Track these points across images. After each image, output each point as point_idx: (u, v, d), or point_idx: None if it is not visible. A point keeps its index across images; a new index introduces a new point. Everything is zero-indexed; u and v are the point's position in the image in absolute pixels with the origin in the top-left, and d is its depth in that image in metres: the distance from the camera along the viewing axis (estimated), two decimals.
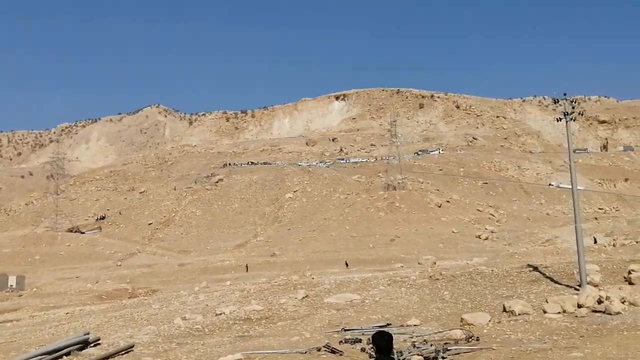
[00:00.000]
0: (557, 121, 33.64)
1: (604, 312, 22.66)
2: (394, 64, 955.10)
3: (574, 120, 33.36)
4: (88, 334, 21.75)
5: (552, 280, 32.07)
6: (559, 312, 23.13)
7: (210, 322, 27.13)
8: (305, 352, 18.72)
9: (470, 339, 19.22)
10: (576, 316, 22.49)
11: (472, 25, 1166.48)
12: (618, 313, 22.09)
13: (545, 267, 35.67)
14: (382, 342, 7.52)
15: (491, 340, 18.89)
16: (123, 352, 19.88)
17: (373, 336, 7.75)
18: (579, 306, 23.65)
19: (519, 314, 23.23)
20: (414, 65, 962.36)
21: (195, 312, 31.59)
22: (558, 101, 32.86)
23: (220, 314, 29.55)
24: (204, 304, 36.47)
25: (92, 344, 21.09)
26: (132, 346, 20.75)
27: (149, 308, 38.79)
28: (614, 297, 23.40)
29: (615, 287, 26.56)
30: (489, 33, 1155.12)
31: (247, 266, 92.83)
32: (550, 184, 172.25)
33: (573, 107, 32.49)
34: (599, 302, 23.73)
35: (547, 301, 24.63)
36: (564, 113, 32.55)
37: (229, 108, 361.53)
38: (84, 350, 19.92)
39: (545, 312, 23.28)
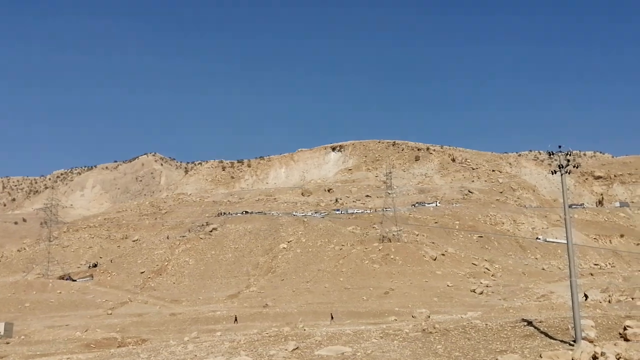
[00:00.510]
0: (552, 174, 33.55)
1: None
2: (391, 114, 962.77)
3: (569, 174, 33.22)
4: None
5: (546, 335, 31.55)
6: None
7: None
8: None
9: None
10: None
11: (468, 75, 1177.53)
12: None
13: (540, 322, 35.13)
14: None
15: None
16: None
17: None
18: None
19: None
20: (410, 116, 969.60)
21: None
22: (553, 154, 32.76)
23: None
24: (193, 354, 35.72)
25: None
26: None
27: (137, 358, 38.03)
28: (609, 353, 22.91)
29: (611, 343, 26.07)
30: (484, 79, 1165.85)
31: (235, 317, 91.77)
32: (537, 238, 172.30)
33: (568, 160, 32.40)
34: (594, 358, 23.25)
35: (541, 356, 24.10)
36: (559, 166, 32.46)
37: (225, 157, 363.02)
38: None
39: None
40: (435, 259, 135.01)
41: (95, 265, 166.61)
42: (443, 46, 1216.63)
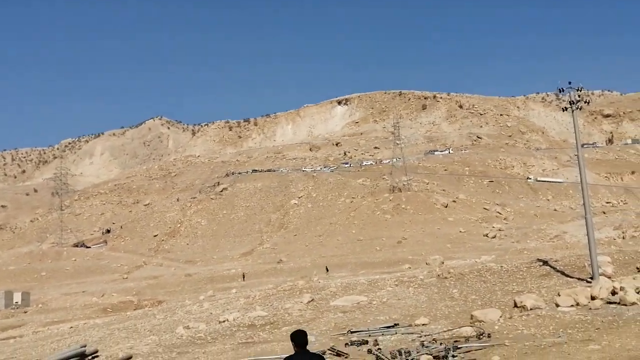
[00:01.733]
0: (563, 111, 32.86)
1: (618, 304, 21.85)
2: (396, 65, 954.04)
3: (580, 110, 32.54)
4: (85, 346, 21.02)
5: (563, 273, 31.28)
6: (572, 305, 22.33)
7: (213, 329, 26.39)
8: None
9: (481, 336, 18.43)
10: (590, 308, 21.69)
11: (472, 25, 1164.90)
12: (634, 304, 21.29)
13: (556, 261, 34.84)
14: (299, 338, 8.66)
15: (503, 337, 18.10)
16: None
17: (291, 335, 8.79)
18: (593, 298, 22.84)
19: (530, 309, 22.44)
20: (415, 66, 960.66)
21: (199, 321, 30.86)
22: (563, 90, 31.98)
23: (224, 321, 28.83)
24: (208, 312, 35.74)
25: (89, 356, 20.35)
26: (131, 357, 20.03)
27: (153, 319, 38.08)
28: (629, 287, 22.60)
29: (629, 278, 25.75)
30: (488, 32, 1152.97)
31: (243, 275, 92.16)
32: (528, 178, 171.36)
33: (579, 96, 31.68)
34: (613, 293, 22.94)
35: (559, 294, 23.83)
36: (570, 102, 31.77)
37: (231, 117, 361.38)
38: None
39: (557, 305, 22.48)
40: (446, 206, 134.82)
41: (108, 231, 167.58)
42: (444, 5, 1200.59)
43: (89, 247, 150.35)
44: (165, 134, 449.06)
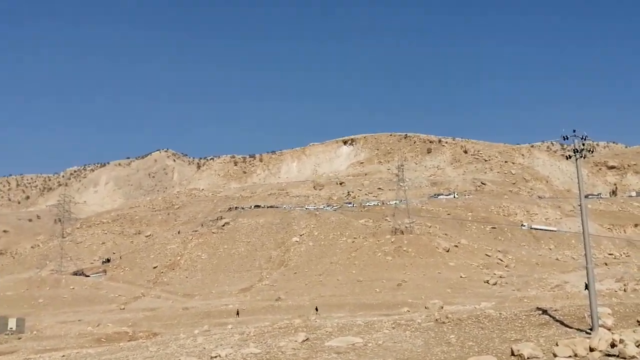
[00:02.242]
0: (567, 159, 32.70)
1: (617, 356, 21.43)
2: (402, 109, 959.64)
3: (584, 158, 32.35)
4: None
5: (562, 323, 30.85)
6: (570, 356, 21.89)
7: None
8: None
9: None
10: None
11: (478, 71, 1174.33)
12: (633, 357, 20.86)
13: (555, 311, 34.42)
14: None
15: None
16: None
17: None
18: (591, 350, 22.41)
19: (527, 358, 22.01)
20: (421, 110, 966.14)
21: (191, 355, 30.42)
22: (567, 138, 31.82)
23: (216, 356, 28.38)
24: (202, 346, 35.26)
25: None
26: None
27: (146, 351, 37.61)
28: (628, 340, 22.16)
29: (629, 330, 25.30)
30: (494, 78, 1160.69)
31: (237, 311, 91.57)
32: (522, 225, 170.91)
33: (583, 144, 31.52)
34: (612, 345, 22.50)
35: (557, 344, 23.38)
36: (574, 150, 31.60)
37: (237, 152, 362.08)
38: None
39: (555, 355, 22.04)
40: (448, 251, 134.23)
41: (108, 261, 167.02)
42: (454, 45, 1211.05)
43: (88, 276, 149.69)
44: (171, 166, 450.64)
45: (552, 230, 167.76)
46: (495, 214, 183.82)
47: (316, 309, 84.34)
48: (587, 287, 79.98)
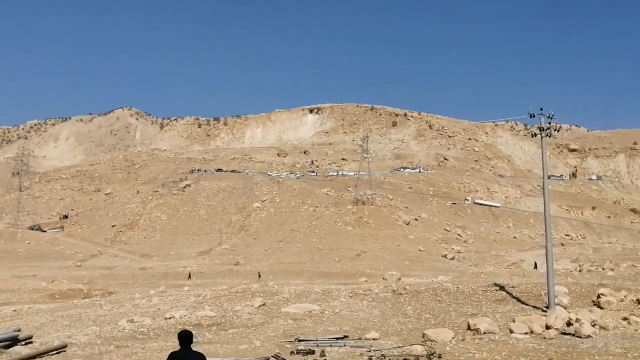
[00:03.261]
0: (533, 136, 32.63)
1: (573, 335, 21.49)
2: (369, 80, 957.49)
3: (550, 137, 32.31)
4: (19, 330, 20.03)
5: (519, 300, 31.00)
6: (527, 333, 21.92)
7: (157, 325, 25.50)
8: None
9: (431, 356, 17.88)
10: (544, 337, 21.29)
11: (448, 46, 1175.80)
12: (588, 336, 20.93)
13: (512, 287, 34.60)
14: (182, 338, 9.42)
15: (454, 359, 17.58)
16: (54, 352, 18.21)
17: (178, 334, 9.60)
18: (547, 327, 22.47)
19: (484, 333, 21.99)
20: (388, 82, 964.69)
21: (145, 315, 29.96)
22: (534, 116, 31.70)
23: (170, 317, 28.00)
24: (156, 307, 34.81)
25: (22, 342, 19.37)
26: (65, 346, 19.09)
27: (99, 309, 37.06)
28: (584, 319, 22.25)
29: (585, 310, 25.45)
30: (463, 54, 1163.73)
31: (189, 274, 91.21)
32: (466, 199, 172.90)
33: (550, 123, 31.44)
34: (568, 324, 22.58)
35: (514, 320, 23.42)
36: (540, 128, 31.51)
37: (201, 114, 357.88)
38: (11, 348, 18.22)
39: (512, 331, 22.07)
40: (408, 224, 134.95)
41: (66, 217, 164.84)
42: (423, 18, 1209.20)
43: (45, 231, 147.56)
44: (133, 124, 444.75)
45: (495, 206, 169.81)
46: (456, 189, 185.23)
47: (259, 275, 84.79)
48: (536, 265, 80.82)
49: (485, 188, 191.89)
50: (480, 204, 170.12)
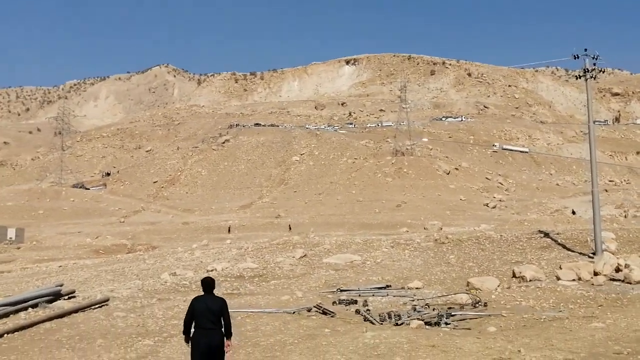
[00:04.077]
0: (577, 78, 31.58)
1: (622, 281, 20.94)
2: (407, 29, 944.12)
3: (595, 79, 31.22)
4: (61, 285, 20.13)
5: (564, 247, 30.34)
6: (574, 280, 21.41)
7: (199, 278, 25.42)
8: (294, 312, 17.04)
9: (477, 305, 17.53)
10: (592, 284, 20.77)
11: None
12: (639, 282, 20.36)
13: (557, 234, 33.90)
14: (205, 285, 10.09)
15: (500, 307, 17.20)
16: (96, 306, 18.25)
17: (201, 281, 10.36)
18: (596, 274, 21.92)
19: (530, 280, 21.54)
20: (426, 29, 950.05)
21: (187, 268, 30.07)
22: (578, 57, 30.57)
23: (212, 270, 28.03)
24: (199, 260, 34.96)
25: (65, 297, 19.46)
26: (108, 300, 19.13)
27: (142, 263, 37.34)
28: (634, 265, 21.64)
29: (635, 255, 24.77)
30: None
31: (229, 228, 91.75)
32: (493, 145, 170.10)
33: (594, 64, 30.33)
34: (617, 270, 22.02)
35: (560, 267, 22.89)
36: (585, 70, 30.43)
37: (238, 69, 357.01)
38: (54, 303, 18.29)
39: (558, 278, 21.57)
40: (448, 173, 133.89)
41: (108, 174, 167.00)
42: None
43: (88, 189, 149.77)
44: (171, 81, 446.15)
45: (524, 151, 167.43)
46: (497, 137, 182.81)
47: (289, 227, 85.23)
48: (574, 212, 79.53)
49: (526, 135, 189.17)
50: (509, 150, 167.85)
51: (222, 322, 9.80)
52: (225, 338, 9.78)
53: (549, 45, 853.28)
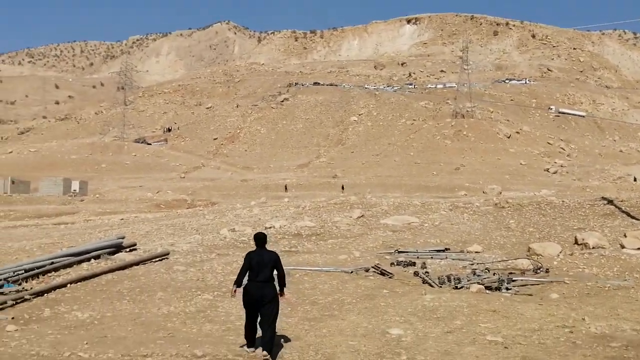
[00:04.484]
0: None
1: None
2: None
3: None
4: (123, 238, 20.54)
5: (628, 215, 29.54)
6: (639, 248, 20.84)
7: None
8: (352, 272, 17.01)
9: (538, 270, 17.23)
10: None
11: None
12: None
13: (621, 201, 33.02)
14: (257, 240, 10.28)
15: (562, 273, 16.87)
16: (157, 259, 18.57)
17: (254, 236, 10.56)
18: None
19: (593, 247, 21.04)
20: None
21: (246, 225, 30.31)
22: None
23: (270, 227, 28.21)
24: (257, 217, 35.23)
25: (126, 249, 19.86)
26: (168, 253, 19.46)
27: (202, 218, 37.84)
28: None
29: None
30: None
31: (285, 186, 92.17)
32: (549, 108, 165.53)
33: None
34: None
35: (625, 235, 22.31)
36: None
37: (298, 27, 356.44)
38: (115, 255, 18.68)
39: (623, 247, 21.00)
40: (509, 137, 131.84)
41: (169, 130, 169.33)
42: None
43: (150, 144, 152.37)
44: (232, 39, 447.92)
45: (580, 115, 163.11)
46: (560, 102, 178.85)
47: (342, 187, 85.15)
48: (635, 179, 77.53)
49: (590, 100, 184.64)
50: (565, 113, 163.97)
51: (275, 276, 10.03)
52: (278, 291, 10.03)
53: (616, 7, 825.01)
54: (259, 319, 9.85)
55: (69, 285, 15.21)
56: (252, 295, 9.70)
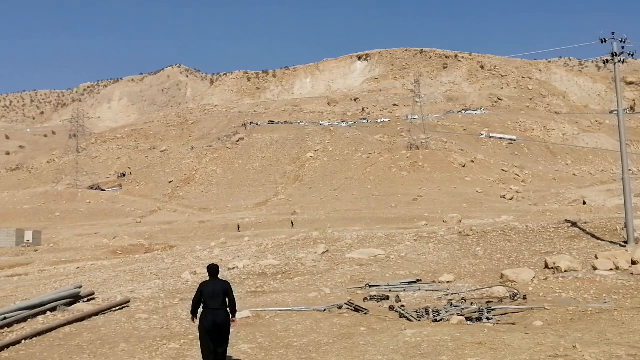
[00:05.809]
0: (604, 63, 30.64)
1: None
2: (418, 21, 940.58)
3: (623, 63, 30.28)
4: (80, 287, 19.49)
5: (593, 236, 29.49)
6: (612, 269, 20.56)
7: (221, 276, 24.83)
8: (325, 310, 16.28)
9: (516, 297, 16.73)
10: (632, 273, 19.91)
11: None
12: None
13: (585, 223, 33.03)
14: (211, 270, 11.29)
15: (540, 299, 16.40)
16: (117, 308, 17.59)
17: (207, 267, 11.49)
18: (634, 263, 21.05)
19: (565, 271, 20.71)
20: (438, 23, 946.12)
21: None
22: (605, 41, 29.60)
23: (233, 268, 27.39)
24: (218, 258, 34.33)
25: (84, 299, 18.83)
26: (128, 301, 18.47)
27: (161, 263, 36.80)
28: None
29: None
30: None
31: (238, 225, 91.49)
32: (480, 134, 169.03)
33: (623, 47, 29.35)
34: None
35: (597, 257, 22.03)
36: (612, 54, 29.48)
37: (250, 68, 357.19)
38: (73, 306, 17.64)
39: (595, 268, 20.73)
40: (464, 166, 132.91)
41: (123, 175, 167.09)
42: None
43: (104, 190, 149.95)
44: (184, 82, 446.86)
45: (511, 139, 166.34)
46: (511, 129, 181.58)
47: (292, 224, 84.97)
48: (584, 202, 77.27)
49: (541, 126, 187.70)
50: (496, 138, 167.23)
51: (227, 303, 10.91)
52: (230, 316, 10.91)
53: (561, 36, 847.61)
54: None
55: (23, 341, 14.16)
56: (208, 322, 10.54)
